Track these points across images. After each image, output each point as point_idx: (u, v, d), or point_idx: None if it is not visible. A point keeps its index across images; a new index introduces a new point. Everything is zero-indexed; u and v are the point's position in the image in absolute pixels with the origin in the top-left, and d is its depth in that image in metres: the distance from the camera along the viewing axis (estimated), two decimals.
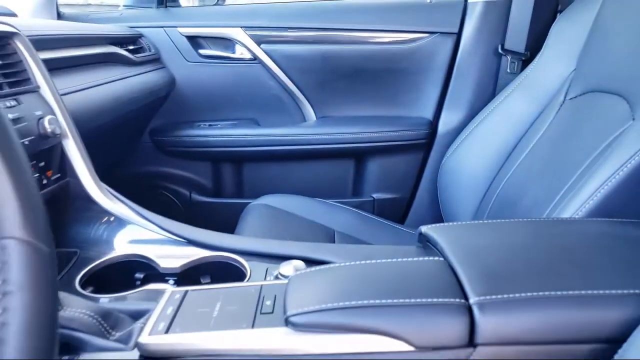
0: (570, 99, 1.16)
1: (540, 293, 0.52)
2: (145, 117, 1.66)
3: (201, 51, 1.73)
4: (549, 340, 0.52)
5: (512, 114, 1.35)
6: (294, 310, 0.52)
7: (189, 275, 0.77)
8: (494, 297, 0.52)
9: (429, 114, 1.74)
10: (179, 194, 1.76)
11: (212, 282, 0.79)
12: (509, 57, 1.59)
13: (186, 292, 0.62)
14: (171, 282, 0.76)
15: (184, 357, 0.53)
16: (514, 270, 0.56)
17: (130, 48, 1.47)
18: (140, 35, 1.63)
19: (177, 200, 1.76)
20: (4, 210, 0.31)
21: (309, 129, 1.77)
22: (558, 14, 1.45)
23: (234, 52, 1.74)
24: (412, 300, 0.52)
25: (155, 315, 0.57)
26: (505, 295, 0.52)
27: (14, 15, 1.36)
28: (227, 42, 1.73)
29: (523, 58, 1.55)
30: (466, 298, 0.52)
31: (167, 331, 0.54)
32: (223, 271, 0.77)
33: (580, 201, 0.81)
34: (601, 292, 0.52)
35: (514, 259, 0.59)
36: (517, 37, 1.55)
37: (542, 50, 1.37)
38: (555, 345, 0.52)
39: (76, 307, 0.57)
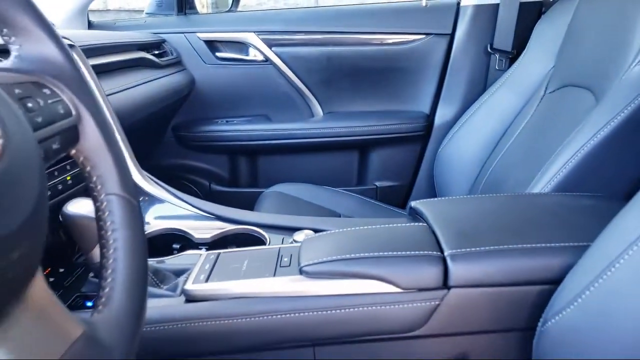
0: (549, 92, 1.25)
1: (500, 247, 0.65)
2: (169, 115, 1.73)
3: (218, 54, 1.78)
4: (506, 282, 0.64)
5: (500, 107, 1.42)
6: (306, 262, 0.65)
7: (217, 245, 0.89)
8: (463, 250, 0.65)
9: (426, 108, 1.79)
10: (199, 184, 1.83)
11: None
12: (497, 56, 1.63)
13: (219, 254, 0.75)
14: (203, 250, 0.88)
15: (220, 299, 0.66)
16: (481, 231, 0.69)
17: (155, 53, 1.55)
18: (163, 41, 1.69)
19: (197, 190, 1.82)
20: (107, 175, 0.44)
21: (317, 123, 1.83)
22: (543, 15, 1.50)
23: (247, 55, 1.79)
24: (400, 252, 0.65)
25: (196, 269, 0.70)
26: (472, 249, 0.65)
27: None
28: (242, 46, 1.78)
29: (510, 56, 1.60)
30: (442, 251, 0.65)
31: (206, 280, 0.67)
32: (246, 241, 0.89)
33: (547, 179, 0.91)
34: (546, 245, 0.65)
35: (482, 223, 0.72)
36: (504, 37, 1.60)
37: (526, 49, 1.44)
38: (511, 287, 0.64)
39: None
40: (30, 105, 0.37)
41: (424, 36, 1.73)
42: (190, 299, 0.66)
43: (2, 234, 0.27)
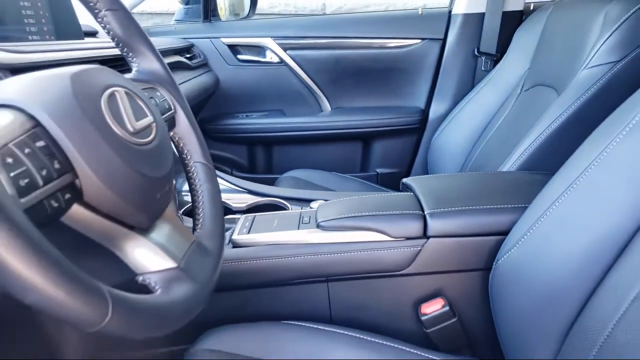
0: (525, 91, 1.40)
1: (466, 207, 0.84)
2: (197, 110, 1.84)
3: (239, 56, 1.90)
4: (471, 234, 0.83)
5: (484, 103, 1.55)
6: (322, 219, 0.85)
7: (250, 212, 1.08)
8: (439, 210, 0.84)
9: (421, 103, 1.90)
10: (222, 171, 1.94)
11: None
12: (483, 58, 1.75)
13: (255, 216, 0.94)
14: (238, 215, 1.08)
15: (258, 245, 0.85)
16: (453, 197, 0.88)
17: (187, 56, 1.68)
18: (192, 45, 1.82)
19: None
20: (193, 149, 0.64)
21: (325, 117, 1.94)
22: (523, 23, 1.60)
23: (265, 57, 1.90)
24: (391, 212, 0.85)
25: (239, 226, 0.90)
26: (446, 209, 0.84)
27: (95, 32, 1.58)
28: (260, 49, 1.89)
29: (494, 59, 1.71)
30: (423, 210, 0.85)
31: (248, 233, 0.87)
32: (272, 209, 1.08)
33: (512, 160, 1.08)
34: (500, 206, 0.84)
35: (455, 192, 0.91)
36: (489, 42, 1.72)
37: (507, 53, 1.57)
38: (475, 237, 0.83)
39: None
40: (154, 102, 0.57)
41: (419, 41, 1.85)
42: (236, 245, 0.86)
43: (162, 174, 0.47)
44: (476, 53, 1.78)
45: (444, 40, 1.83)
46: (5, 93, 0.38)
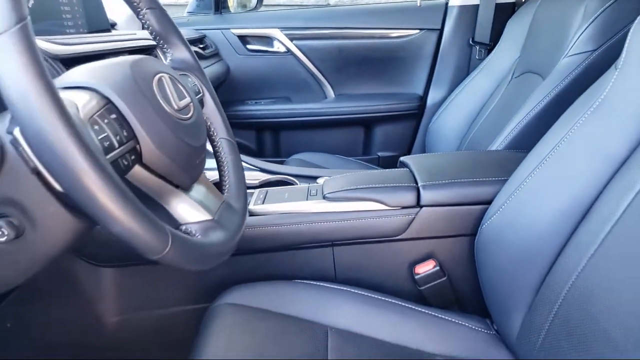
0: (515, 77, 1.48)
1: (455, 180, 0.94)
2: None
3: (248, 46, 1.98)
4: (459, 203, 0.93)
5: (478, 90, 1.62)
6: (327, 191, 0.95)
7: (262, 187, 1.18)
8: (430, 182, 0.94)
9: (419, 90, 1.98)
10: None
11: None
12: (477, 47, 1.83)
13: (268, 190, 1.04)
14: (252, 190, 1.17)
15: (271, 214, 0.95)
16: (444, 171, 0.98)
17: (200, 46, 1.75)
18: (204, 36, 1.89)
19: None
20: (218, 127, 0.74)
21: (329, 103, 2.02)
22: (514, 14, 1.65)
23: (272, 47, 1.97)
24: (389, 184, 0.94)
25: (254, 198, 1.00)
26: (437, 181, 0.94)
27: (114, 24, 1.64)
28: (268, 40, 1.97)
29: (487, 48, 1.79)
30: (416, 183, 0.94)
31: (262, 203, 0.97)
32: (282, 185, 1.18)
33: (500, 140, 1.18)
34: (485, 179, 0.93)
35: (446, 167, 1.01)
36: (483, 32, 1.80)
37: (499, 42, 1.65)
38: (462, 206, 0.93)
39: None
40: (189, 86, 0.67)
41: (418, 31, 1.92)
42: (252, 214, 0.95)
43: (199, 144, 0.57)
44: (471, 42, 1.85)
45: (441, 30, 1.91)
46: (81, 78, 0.48)
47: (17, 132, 0.42)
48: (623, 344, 0.59)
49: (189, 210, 0.55)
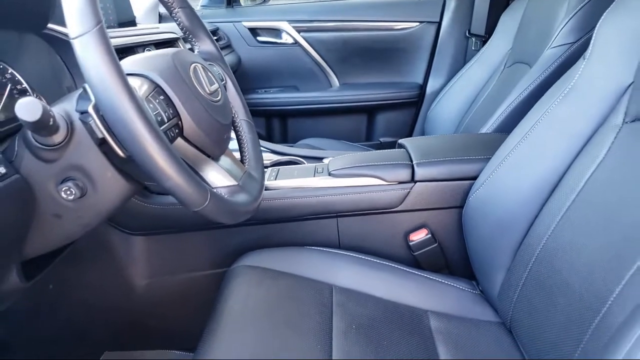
0: (507, 67, 1.56)
1: (446, 158, 1.04)
2: None
3: (258, 38, 2.06)
4: (449, 178, 1.03)
5: (473, 78, 1.70)
6: (332, 169, 1.06)
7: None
8: (424, 160, 1.04)
9: (419, 79, 2.06)
10: None
11: None
12: (473, 39, 1.91)
13: (279, 168, 1.15)
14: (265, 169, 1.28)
15: (283, 188, 1.06)
16: (436, 151, 1.08)
17: (214, 38, 1.85)
18: (217, 28, 1.98)
19: None
20: (239, 109, 0.85)
21: (334, 92, 2.10)
22: (508, 7, 1.72)
23: (281, 39, 2.05)
24: (387, 162, 1.05)
25: (267, 175, 1.10)
26: (430, 159, 1.04)
27: (134, 18, 1.78)
28: (277, 32, 2.05)
29: (483, 39, 1.86)
30: (412, 161, 1.05)
31: (275, 179, 1.08)
32: (291, 165, 1.29)
33: (489, 124, 1.27)
34: (472, 157, 1.04)
35: (439, 148, 1.11)
36: (479, 25, 1.87)
37: (493, 34, 1.72)
38: (452, 181, 1.03)
39: None
40: (215, 74, 0.78)
41: (418, 24, 2.01)
42: (266, 189, 1.06)
43: (227, 123, 0.68)
44: (467, 34, 1.94)
45: (439, 23, 1.99)
46: (134, 67, 0.59)
47: (90, 108, 0.53)
48: (579, 290, 0.70)
49: (219, 176, 0.66)
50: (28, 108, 0.48)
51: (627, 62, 0.79)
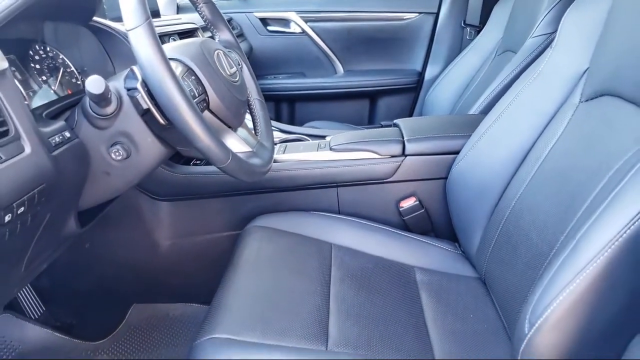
0: (497, 55, 1.67)
1: (433, 135, 1.17)
2: None
3: (268, 28, 2.16)
4: (436, 153, 1.15)
5: (467, 66, 1.80)
6: (334, 144, 1.18)
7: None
8: (414, 136, 1.17)
9: (418, 67, 2.17)
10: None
11: None
12: (468, 29, 2.01)
13: (287, 144, 1.28)
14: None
15: (290, 161, 1.18)
16: (425, 128, 1.20)
17: None
18: (231, 19, 2.09)
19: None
20: (252, 90, 0.98)
21: (339, 78, 2.21)
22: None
23: (289, 28, 2.15)
24: (381, 138, 1.17)
25: (276, 149, 1.23)
26: (418, 136, 1.17)
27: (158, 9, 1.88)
28: (285, 22, 2.15)
29: (477, 29, 1.96)
30: (403, 138, 1.18)
31: (283, 153, 1.21)
32: (297, 142, 1.42)
33: (476, 106, 1.38)
34: (457, 134, 1.16)
35: (428, 126, 1.23)
36: (473, 15, 1.98)
37: (486, 25, 1.83)
38: (438, 155, 1.15)
39: None
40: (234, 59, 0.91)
41: (417, 14, 2.11)
42: (275, 161, 1.19)
43: (244, 100, 0.81)
44: (463, 25, 2.04)
45: (437, 14, 2.10)
46: (171, 53, 0.72)
47: (139, 84, 0.66)
48: (536, 241, 0.83)
49: (237, 143, 0.79)
50: (95, 83, 0.62)
51: (584, 51, 0.91)
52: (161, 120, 0.68)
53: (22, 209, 0.56)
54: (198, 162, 1.22)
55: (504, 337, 0.87)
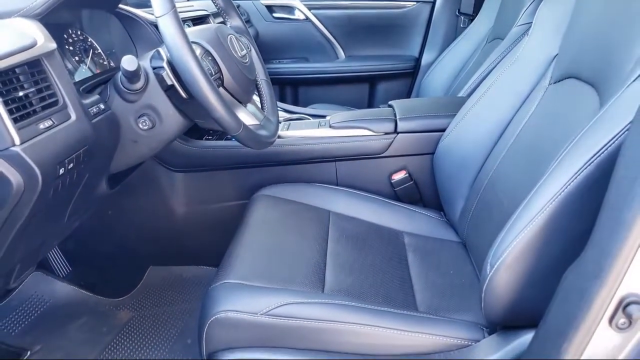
0: (488, 43, 1.75)
1: (422, 114, 1.27)
2: None
3: (274, 14, 2.25)
4: (424, 130, 1.26)
5: (461, 52, 1.89)
6: (333, 121, 1.29)
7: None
8: (405, 116, 1.27)
9: (415, 53, 2.26)
10: None
11: None
12: (462, 17, 2.09)
13: (290, 122, 1.39)
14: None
15: (293, 137, 1.29)
16: (417, 108, 1.31)
17: None
18: (239, 6, 2.09)
19: None
20: (260, 71, 1.08)
21: (340, 63, 2.30)
22: None
23: (294, 15, 2.24)
24: (377, 117, 1.28)
25: (281, 126, 1.34)
26: (409, 115, 1.27)
27: None
28: (290, 9, 2.23)
29: (471, 18, 2.04)
30: (395, 116, 1.28)
31: (287, 130, 1.31)
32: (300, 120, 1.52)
33: (465, 88, 1.48)
34: (444, 114, 1.26)
35: (419, 107, 1.34)
36: (467, 4, 2.06)
37: (479, 13, 1.90)
38: (426, 132, 1.26)
39: None
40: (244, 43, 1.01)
41: (414, 3, 2.20)
42: (279, 137, 1.29)
43: (253, 78, 0.92)
44: (457, 13, 2.13)
45: (434, 2, 2.18)
46: (191, 37, 0.82)
47: (165, 63, 0.76)
48: (507, 205, 0.93)
49: (247, 117, 0.90)
50: (130, 61, 0.72)
51: (555, 38, 1.01)
52: (183, 94, 0.79)
53: (72, 165, 0.67)
54: (210, 137, 1.33)
55: (478, 289, 0.98)
